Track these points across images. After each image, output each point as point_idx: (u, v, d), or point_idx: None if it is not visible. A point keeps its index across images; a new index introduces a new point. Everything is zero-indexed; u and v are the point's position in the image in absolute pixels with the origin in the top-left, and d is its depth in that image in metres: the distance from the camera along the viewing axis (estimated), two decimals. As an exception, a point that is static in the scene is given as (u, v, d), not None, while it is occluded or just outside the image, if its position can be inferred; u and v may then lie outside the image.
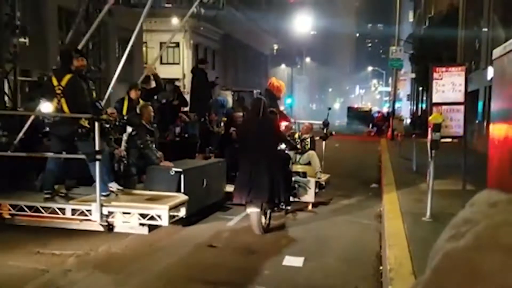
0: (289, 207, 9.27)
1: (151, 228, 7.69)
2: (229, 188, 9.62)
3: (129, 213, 7.60)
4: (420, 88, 47.46)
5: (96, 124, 7.41)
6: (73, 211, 7.73)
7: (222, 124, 13.55)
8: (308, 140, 11.66)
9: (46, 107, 8.39)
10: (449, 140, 9.46)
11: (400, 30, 36.45)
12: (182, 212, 7.94)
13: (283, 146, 9.09)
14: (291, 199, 9.39)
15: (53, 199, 8.16)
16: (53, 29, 28.38)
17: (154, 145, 9.47)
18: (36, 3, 25.40)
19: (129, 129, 9.60)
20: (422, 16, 56.74)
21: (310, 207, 10.26)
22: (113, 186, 8.40)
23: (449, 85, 8.81)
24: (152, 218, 7.52)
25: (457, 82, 8.80)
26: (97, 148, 7.41)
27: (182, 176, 8.50)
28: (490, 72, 21.04)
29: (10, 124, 9.93)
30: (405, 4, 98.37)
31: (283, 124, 9.75)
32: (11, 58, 11.46)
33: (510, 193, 0.93)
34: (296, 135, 11.54)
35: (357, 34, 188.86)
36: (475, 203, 0.98)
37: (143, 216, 7.55)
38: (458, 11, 30.65)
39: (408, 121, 62.00)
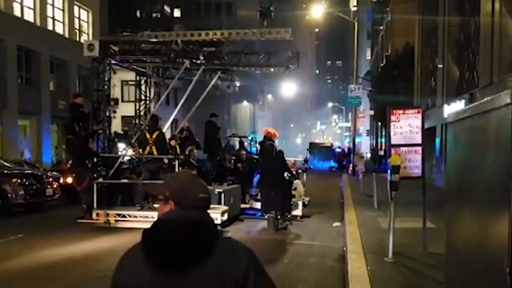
0: (289, 215, 13.80)
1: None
2: (243, 205, 15.29)
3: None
4: (379, 124, 48.51)
5: (176, 162, 13.33)
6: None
7: (232, 161, 17.69)
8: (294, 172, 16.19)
9: (130, 151, 14.99)
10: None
11: (359, 67, 37.42)
12: (225, 217, 12.69)
13: (285, 174, 13.36)
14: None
15: (142, 209, 13.17)
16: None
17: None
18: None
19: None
20: (379, 54, 58.37)
21: (298, 218, 14.46)
22: None
23: (406, 127, 9.05)
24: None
25: (414, 124, 9.05)
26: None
27: (222, 194, 13.28)
28: (446, 110, 21.73)
29: (107, 162, 14.80)
30: (363, 42, 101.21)
31: (290, 161, 15.07)
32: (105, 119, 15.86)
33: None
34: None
35: (317, 71, 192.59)
36: None
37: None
38: (413, 50, 31.67)
39: (369, 155, 63.01)
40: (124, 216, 13.07)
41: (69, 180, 18.75)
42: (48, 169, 24.01)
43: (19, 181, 15.23)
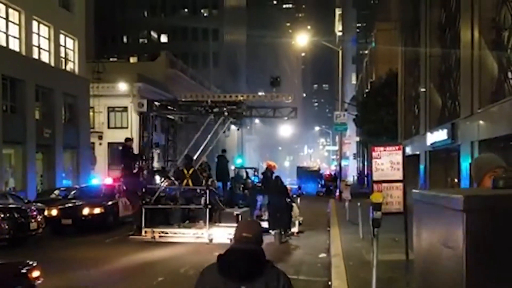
0: (289, 232, 17.29)
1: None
2: None
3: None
4: (365, 148, 48.87)
5: (207, 191, 16.82)
6: (194, 234, 16.60)
7: (241, 188, 21.91)
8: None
9: (165, 183, 18.87)
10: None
11: (344, 91, 37.86)
12: None
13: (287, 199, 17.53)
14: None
15: (180, 227, 17.14)
16: None
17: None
18: None
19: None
20: (364, 79, 59.08)
21: (295, 234, 17.74)
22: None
23: (387, 163, 9.22)
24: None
25: (395, 160, 9.22)
26: (207, 202, 16.68)
27: (239, 216, 16.88)
28: (429, 138, 22.04)
29: (149, 191, 18.03)
30: (348, 66, 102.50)
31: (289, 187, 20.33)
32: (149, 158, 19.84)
33: None
34: None
35: (304, 94, 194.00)
36: None
37: (230, 233, 14.08)
38: (397, 77, 32.13)
39: (356, 178, 63.24)
40: (166, 233, 16.86)
41: (54, 212, 18.74)
42: (33, 199, 23.88)
43: (2, 215, 15.15)
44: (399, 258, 10.48)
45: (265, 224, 16.18)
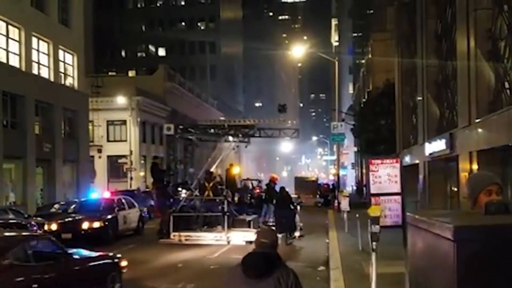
0: (293, 235, 19.86)
1: (246, 242, 17.72)
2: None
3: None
4: (363, 158, 48.91)
5: (225, 202, 19.85)
6: (214, 237, 19.40)
7: (249, 198, 25.61)
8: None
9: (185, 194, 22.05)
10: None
11: (341, 101, 38.01)
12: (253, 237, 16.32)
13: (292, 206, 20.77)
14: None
15: (201, 230, 20.09)
16: None
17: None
18: None
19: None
20: (361, 89, 59.26)
21: (297, 237, 20.15)
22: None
23: (385, 176, 9.28)
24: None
25: (393, 173, 9.28)
26: (225, 210, 19.52)
27: (251, 222, 20.16)
28: (428, 148, 22.14)
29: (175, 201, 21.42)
30: (345, 76, 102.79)
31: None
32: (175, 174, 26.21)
33: None
34: None
35: (301, 104, 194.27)
36: None
37: (244, 236, 18.67)
38: (394, 87, 32.25)
39: (354, 188, 63.25)
40: (190, 236, 19.70)
41: (53, 226, 18.77)
42: (33, 213, 23.92)
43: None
44: (399, 271, 10.52)
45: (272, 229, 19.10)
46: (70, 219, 19.79)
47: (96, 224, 19.16)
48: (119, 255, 10.56)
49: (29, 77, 30.16)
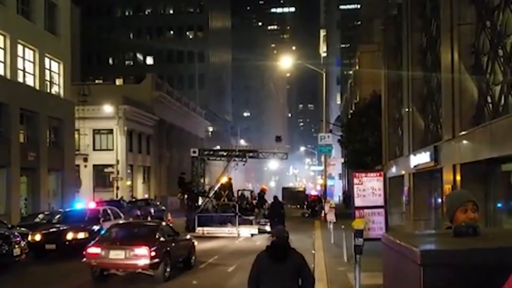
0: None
1: (252, 235, 26.55)
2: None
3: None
4: (350, 169, 49.00)
5: (236, 206, 29.98)
6: (228, 231, 27.61)
7: (245, 204, 34.13)
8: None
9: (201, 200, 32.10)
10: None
11: (329, 111, 38.21)
12: (256, 232, 27.10)
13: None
14: None
15: (219, 227, 28.52)
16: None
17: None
18: None
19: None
20: (348, 100, 59.58)
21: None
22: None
23: (369, 189, 9.36)
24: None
25: (376, 187, 9.36)
26: (237, 212, 28.92)
27: (252, 221, 29.80)
28: (413, 160, 22.28)
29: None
30: (333, 87, 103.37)
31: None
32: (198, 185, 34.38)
33: None
34: None
35: (289, 114, 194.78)
36: None
37: (249, 230, 27.48)
38: (381, 99, 32.46)
39: (341, 198, 63.37)
40: (210, 231, 27.07)
41: (37, 237, 18.57)
42: (17, 223, 23.65)
43: (-15, 241, 15.05)
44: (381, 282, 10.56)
45: (267, 227, 27.20)
46: (54, 229, 19.52)
47: (81, 235, 18.91)
48: (193, 240, 17.62)
49: (14, 85, 29.92)
